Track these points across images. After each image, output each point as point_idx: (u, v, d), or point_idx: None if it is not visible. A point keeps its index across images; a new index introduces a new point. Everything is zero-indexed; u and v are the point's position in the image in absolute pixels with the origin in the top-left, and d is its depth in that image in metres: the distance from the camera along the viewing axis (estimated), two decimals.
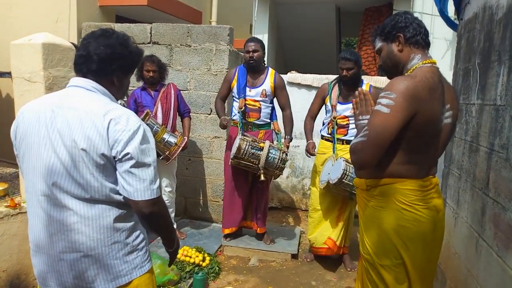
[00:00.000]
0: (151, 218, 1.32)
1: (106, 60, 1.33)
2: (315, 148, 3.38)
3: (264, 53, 3.49)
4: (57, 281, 1.32)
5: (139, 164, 1.26)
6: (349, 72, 3.17)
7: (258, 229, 3.68)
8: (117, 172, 1.28)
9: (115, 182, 1.29)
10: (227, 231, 3.67)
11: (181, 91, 3.88)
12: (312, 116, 3.49)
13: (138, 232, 1.40)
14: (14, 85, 2.54)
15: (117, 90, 1.41)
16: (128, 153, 1.24)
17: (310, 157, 3.44)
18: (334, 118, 3.28)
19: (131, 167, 1.25)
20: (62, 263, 1.30)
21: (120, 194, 1.30)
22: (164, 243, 1.52)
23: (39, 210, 1.30)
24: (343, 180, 2.98)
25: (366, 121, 1.65)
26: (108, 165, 1.26)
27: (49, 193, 1.27)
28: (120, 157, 1.24)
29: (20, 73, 2.50)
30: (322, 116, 3.51)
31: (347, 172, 2.98)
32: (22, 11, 4.83)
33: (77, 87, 1.33)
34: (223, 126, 3.39)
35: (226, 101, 3.73)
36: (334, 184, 3.02)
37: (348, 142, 3.26)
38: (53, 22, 4.70)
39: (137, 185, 1.26)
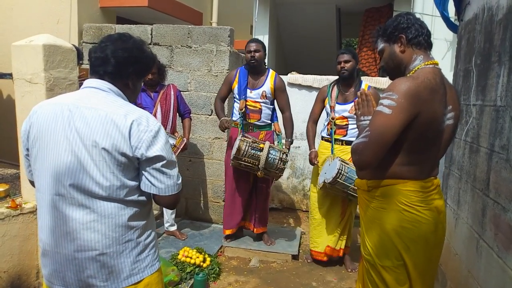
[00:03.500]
0: (173, 206, 1.44)
1: (123, 63, 1.36)
2: (317, 157, 3.36)
3: (265, 54, 3.49)
4: (68, 280, 1.33)
5: (169, 163, 1.33)
6: (347, 64, 3.19)
7: (255, 229, 3.68)
8: (144, 171, 1.32)
9: (133, 179, 1.33)
10: (228, 231, 3.68)
11: (181, 92, 3.89)
12: (314, 120, 3.49)
13: (149, 231, 1.42)
14: (15, 87, 2.55)
15: (131, 93, 1.44)
16: (159, 153, 1.29)
17: (313, 165, 3.41)
18: (333, 119, 3.29)
19: (162, 166, 1.31)
20: (76, 261, 1.31)
21: (135, 194, 1.33)
22: None
23: (52, 209, 1.31)
24: (338, 180, 2.99)
25: (367, 122, 1.65)
26: (128, 164, 1.29)
27: (64, 192, 1.28)
28: (150, 156, 1.29)
29: (21, 75, 2.51)
30: (323, 118, 3.52)
31: (342, 172, 2.98)
32: (23, 12, 4.84)
33: (93, 88, 1.36)
34: (223, 128, 3.37)
35: (226, 102, 3.73)
36: (329, 183, 3.04)
37: (347, 142, 3.27)
38: (54, 23, 4.71)
39: (168, 182, 1.34)
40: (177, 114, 3.74)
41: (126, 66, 1.37)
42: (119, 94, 1.38)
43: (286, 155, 3.31)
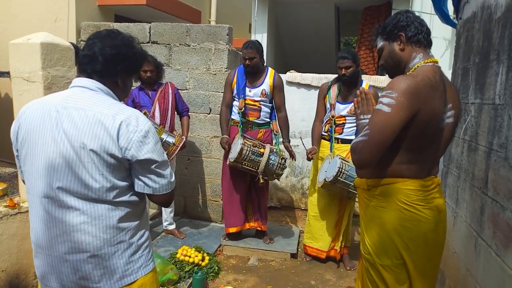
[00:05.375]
0: (168, 204, 1.44)
1: (111, 61, 1.32)
2: (314, 153, 3.30)
3: (262, 56, 3.48)
4: (60, 282, 1.32)
5: (161, 163, 1.32)
6: (348, 70, 3.19)
7: (263, 226, 3.69)
8: (137, 173, 1.30)
9: (124, 179, 1.31)
10: (232, 229, 3.65)
11: (180, 91, 3.88)
12: (320, 119, 3.45)
13: (142, 231, 1.40)
14: (12, 85, 2.54)
15: (121, 91, 1.41)
16: (150, 156, 1.28)
17: (309, 160, 3.38)
18: (333, 117, 3.29)
19: (155, 167, 1.31)
20: (67, 264, 1.29)
21: (127, 194, 1.32)
22: None
23: (42, 211, 1.29)
24: (339, 178, 2.99)
25: (367, 121, 1.64)
26: (118, 165, 1.27)
27: (53, 194, 1.26)
28: (141, 159, 1.27)
29: (18, 73, 2.50)
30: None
31: (343, 170, 2.99)
32: (21, 11, 4.82)
33: (81, 88, 1.32)
34: (223, 147, 3.48)
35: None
36: (330, 182, 3.04)
37: (343, 140, 3.28)
38: (52, 21, 4.69)
39: (162, 182, 1.34)
40: (176, 112, 3.74)
41: (115, 64, 1.33)
42: (108, 93, 1.34)
43: (285, 161, 3.34)
